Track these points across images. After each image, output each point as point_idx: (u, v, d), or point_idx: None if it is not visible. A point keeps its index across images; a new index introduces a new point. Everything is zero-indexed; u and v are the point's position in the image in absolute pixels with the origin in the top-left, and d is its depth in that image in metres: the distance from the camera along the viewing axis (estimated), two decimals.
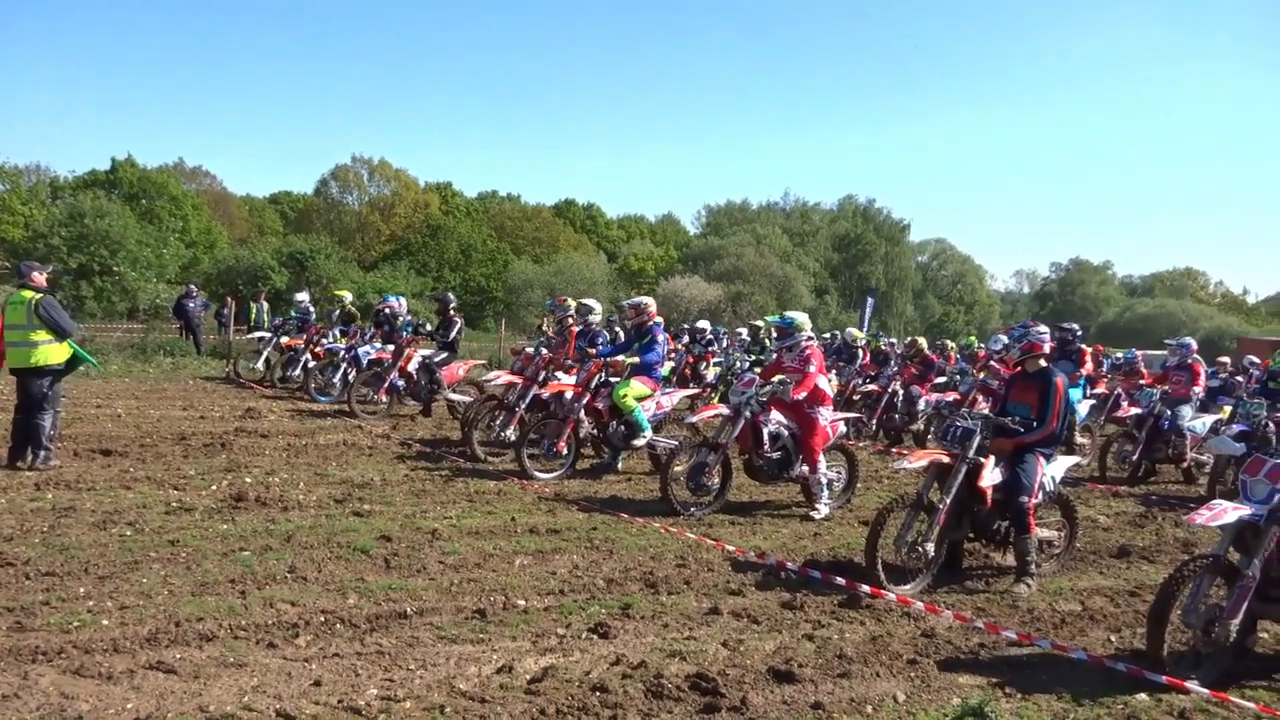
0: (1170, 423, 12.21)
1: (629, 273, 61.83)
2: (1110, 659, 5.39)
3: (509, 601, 5.87)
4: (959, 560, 7.33)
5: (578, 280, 47.66)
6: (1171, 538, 8.96)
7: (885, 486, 10.88)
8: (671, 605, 6.00)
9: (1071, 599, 6.75)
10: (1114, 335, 58.23)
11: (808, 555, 7.51)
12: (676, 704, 4.48)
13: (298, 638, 5.05)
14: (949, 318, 71.52)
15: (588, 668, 4.89)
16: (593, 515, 8.44)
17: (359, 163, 63.45)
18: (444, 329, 14.60)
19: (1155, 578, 7.09)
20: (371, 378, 14.44)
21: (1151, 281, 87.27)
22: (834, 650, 5.31)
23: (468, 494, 9.02)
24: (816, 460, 8.89)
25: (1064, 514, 7.59)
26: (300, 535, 7.10)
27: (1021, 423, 6.99)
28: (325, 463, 10.19)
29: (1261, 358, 18.88)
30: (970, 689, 4.89)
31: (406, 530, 7.46)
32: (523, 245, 62.18)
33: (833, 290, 65.00)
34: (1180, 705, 4.82)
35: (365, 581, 6.11)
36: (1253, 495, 5.34)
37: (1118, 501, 10.92)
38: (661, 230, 78.32)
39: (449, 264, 54.92)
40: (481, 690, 4.52)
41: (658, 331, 10.65)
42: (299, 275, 38.87)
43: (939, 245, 78.50)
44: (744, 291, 51.52)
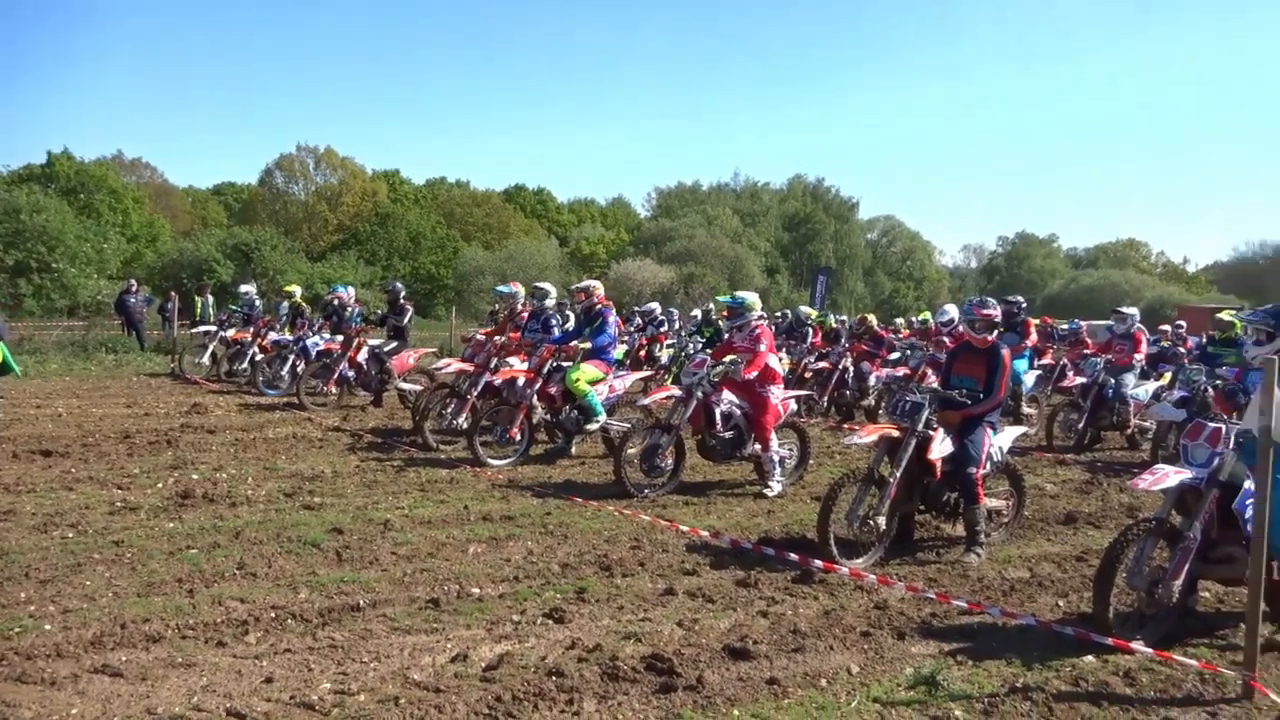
0: (1114, 391, 12.47)
1: (581, 257, 61.67)
2: (1058, 623, 5.49)
3: (463, 590, 5.83)
4: (910, 532, 7.43)
5: (529, 265, 47.44)
6: (1116, 503, 9.16)
7: (837, 462, 10.98)
8: (626, 587, 6.01)
9: (1020, 566, 6.87)
10: (1060, 307, 59.24)
11: (761, 533, 7.56)
12: (633, 685, 4.48)
13: (248, 635, 4.97)
14: (899, 294, 72.27)
15: (543, 653, 4.88)
16: (547, 500, 8.42)
17: (304, 151, 62.40)
18: (395, 317, 14.44)
19: (1101, 542, 7.23)
20: (320, 369, 14.25)
21: (1095, 253, 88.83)
22: (788, 626, 5.35)
23: (420, 483, 8.95)
24: (769, 438, 8.94)
25: (1012, 483, 7.71)
26: (249, 531, 7.00)
27: (969, 395, 7.08)
28: (274, 456, 10.04)
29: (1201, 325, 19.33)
30: (923, 658, 4.96)
31: (358, 522, 7.38)
32: (473, 231, 61.70)
33: (784, 269, 65.35)
34: (1126, 665, 4.93)
35: (316, 575, 6.04)
36: (1193, 459, 5.46)
37: (1064, 469, 11.14)
38: (612, 213, 78.13)
39: (398, 252, 54.37)
40: (436, 680, 4.48)
41: (608, 315, 10.63)
42: (244, 267, 38.20)
43: (888, 222, 79.22)
44: (696, 273, 51.62)
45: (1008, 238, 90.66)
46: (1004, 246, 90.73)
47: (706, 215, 62.85)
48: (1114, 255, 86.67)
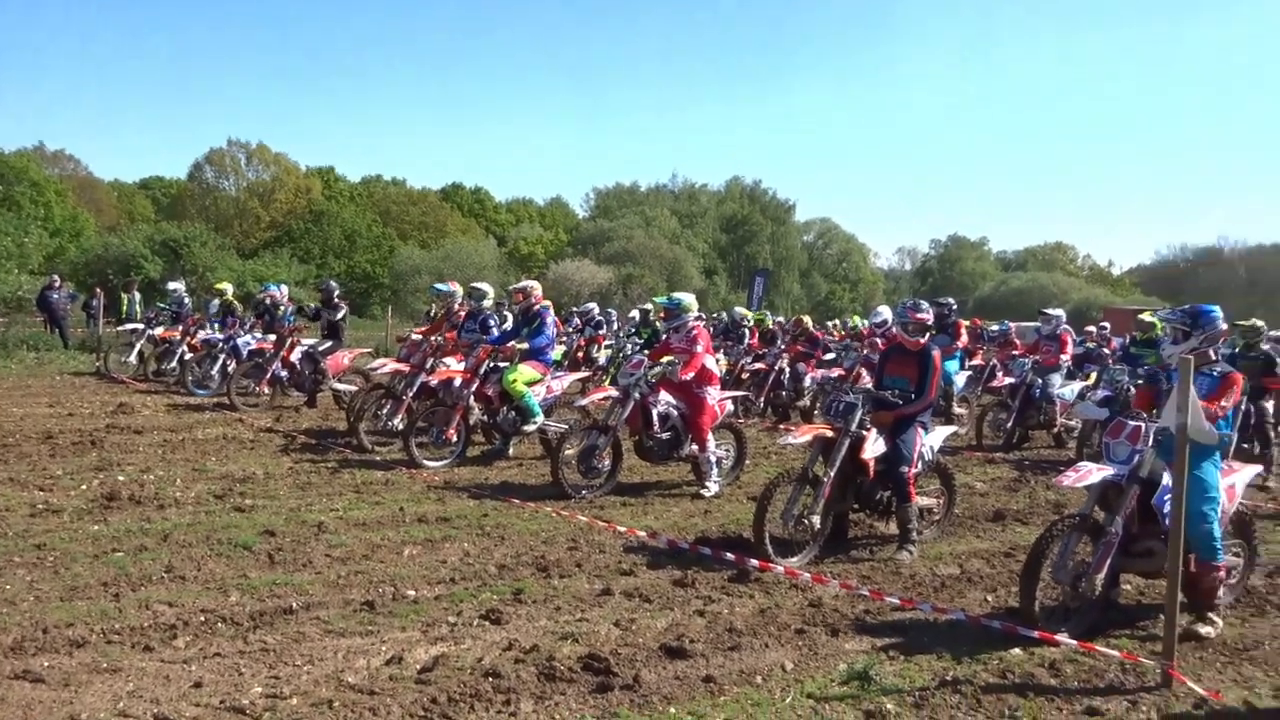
0: (1041, 391, 12.80)
1: (519, 256, 61.39)
2: (987, 618, 5.63)
3: (398, 592, 5.77)
4: (844, 531, 7.54)
5: (466, 265, 47.10)
6: (1043, 500, 9.40)
7: (773, 462, 11.09)
8: (563, 588, 6.00)
9: (951, 563, 7.01)
10: (990, 309, 60.57)
11: (698, 533, 7.61)
12: (570, 685, 4.49)
13: (176, 639, 4.86)
14: (835, 295, 73.25)
15: (480, 654, 4.85)
16: (483, 502, 8.37)
17: (235, 146, 61.10)
18: (329, 313, 14.19)
19: (1028, 538, 7.41)
20: (252, 369, 13.97)
21: (1024, 256, 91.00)
22: (724, 624, 5.40)
23: (355, 485, 8.83)
24: (705, 439, 9.00)
25: (943, 482, 7.87)
26: (178, 533, 6.84)
27: (901, 395, 7.21)
28: (204, 458, 9.82)
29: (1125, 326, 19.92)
30: (856, 654, 5.04)
31: (291, 524, 7.25)
32: (409, 230, 61.02)
33: (721, 271, 65.79)
34: (1051, 657, 5.06)
35: (248, 578, 5.93)
36: (1115, 456, 5.63)
37: (993, 468, 11.39)
38: (551, 213, 77.90)
39: (333, 251, 53.54)
40: (371, 682, 4.44)
41: (546, 315, 10.60)
42: (173, 264, 37.31)
43: (824, 225, 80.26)
44: (634, 273, 51.73)
45: (940, 241, 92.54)
46: (937, 249, 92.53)
47: (645, 216, 63.02)
48: (1042, 258, 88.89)
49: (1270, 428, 11.04)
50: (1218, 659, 5.21)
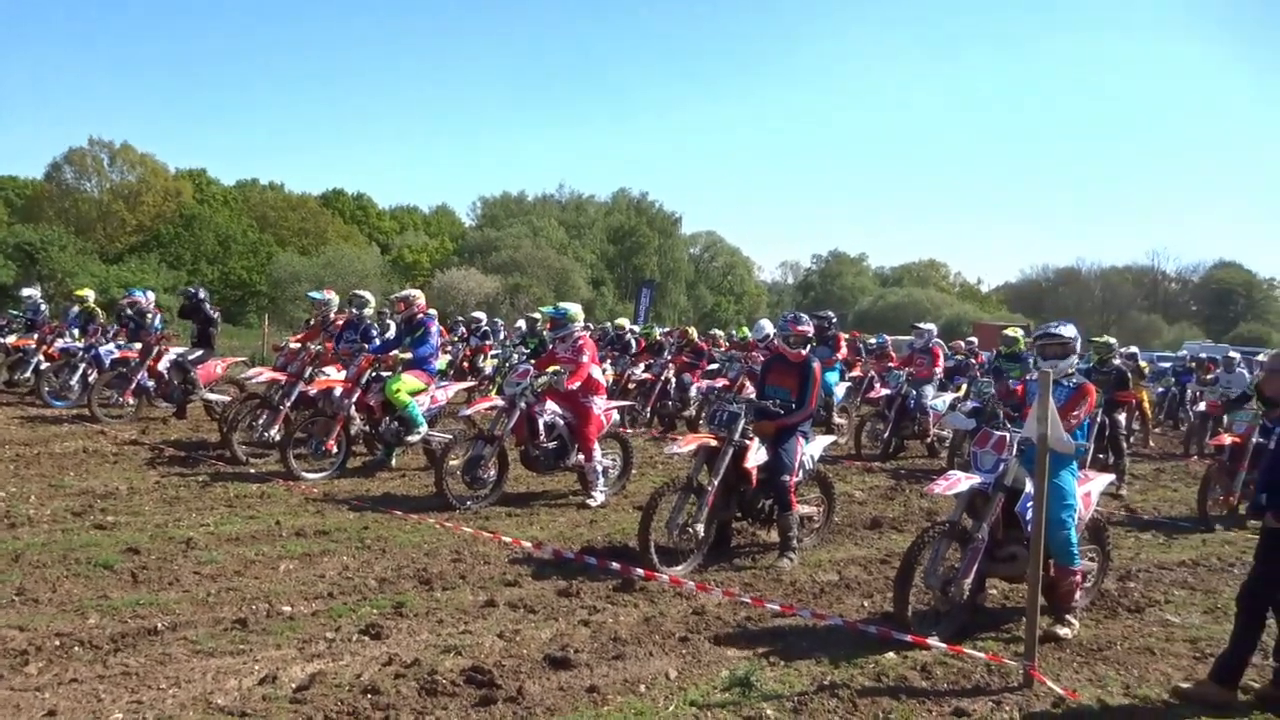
0: (915, 402, 13.27)
1: (403, 265, 60.27)
2: (863, 623, 5.79)
3: (273, 609, 5.58)
4: (728, 539, 7.65)
5: (348, 273, 45.95)
6: (918, 508, 9.74)
7: (659, 472, 11.17)
8: (446, 601, 5.91)
9: (830, 570, 7.19)
10: (869, 322, 62.50)
11: (584, 542, 7.61)
12: (452, 699, 4.42)
13: (28, 665, 4.58)
14: (720, 307, 74.32)
15: (358, 670, 4.73)
16: (364, 514, 8.17)
17: (97, 146, 57.92)
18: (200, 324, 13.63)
19: (903, 545, 7.63)
20: (116, 378, 13.30)
21: (900, 272, 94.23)
22: (609, 634, 5.41)
23: (227, 499, 8.50)
24: (591, 449, 9.01)
25: (822, 490, 8.07)
26: (31, 553, 6.44)
27: (782, 405, 7.37)
28: (61, 473, 9.29)
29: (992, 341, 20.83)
30: (738, 660, 5.12)
31: (157, 541, 6.93)
32: (288, 236, 59.12)
33: (609, 281, 66.00)
34: (923, 660, 5.25)
35: (108, 599, 5.63)
36: (981, 466, 5.88)
37: (871, 476, 11.75)
38: (436, 222, 76.73)
39: (205, 256, 51.46)
40: (242, 703, 4.28)
41: (430, 324, 10.45)
42: (28, 269, 35.28)
43: (710, 238, 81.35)
44: (521, 283, 51.42)
45: (822, 256, 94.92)
46: (818, 264, 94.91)
47: (532, 226, 62.71)
48: (917, 274, 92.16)
49: (1123, 439, 11.71)
50: (1075, 659, 5.48)
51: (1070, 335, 6.15)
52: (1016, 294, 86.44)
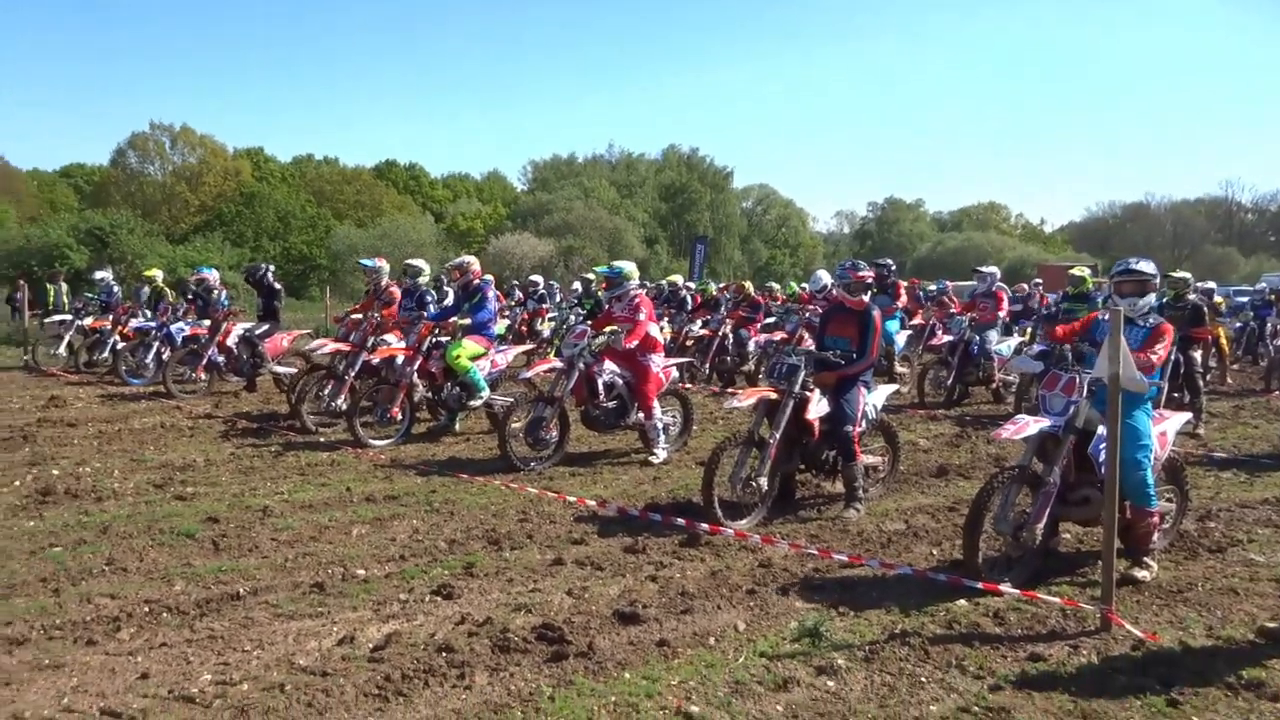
0: (979, 347, 13.03)
1: (457, 232, 60.67)
2: (933, 571, 5.74)
3: (348, 572, 5.72)
4: (792, 492, 7.63)
5: (404, 242, 46.37)
6: (985, 454, 9.60)
7: (720, 427, 11.16)
8: (515, 560, 6.00)
9: (897, 519, 7.14)
10: (928, 269, 61.48)
11: (648, 499, 7.65)
12: (524, 656, 4.49)
13: (120, 631, 4.76)
14: (775, 260, 73.70)
15: (432, 630, 4.83)
16: (431, 478, 8.31)
17: (158, 130, 59.14)
18: (269, 291, 13.92)
19: (971, 492, 7.54)
20: (188, 355, 13.66)
21: (959, 216, 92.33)
22: (676, 588, 5.44)
23: (299, 467, 8.71)
24: (651, 406, 9.03)
25: (887, 440, 7.99)
26: (117, 525, 6.68)
27: (843, 356, 7.29)
28: (142, 448, 9.60)
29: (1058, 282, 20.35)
30: (806, 612, 5.11)
31: (235, 510, 7.13)
32: (344, 209, 59.87)
33: (662, 239, 65.75)
34: (995, 606, 5.19)
35: (192, 566, 5.82)
36: (1051, 409, 5.76)
37: (935, 424, 11.60)
38: (488, 188, 77.07)
39: (267, 233, 52.36)
40: (323, 663, 4.39)
41: (486, 289, 10.52)
42: (100, 253, 36.19)
43: (762, 190, 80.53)
44: (575, 245, 51.45)
45: (877, 203, 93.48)
46: (874, 212, 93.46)
47: (583, 188, 62.63)
48: (977, 218, 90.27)
49: (1198, 376, 11.37)
50: (1154, 602, 5.37)
51: (1150, 272, 5.92)
52: (1082, 233, 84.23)
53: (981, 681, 4.30)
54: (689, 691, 4.15)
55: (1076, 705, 4.04)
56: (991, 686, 4.24)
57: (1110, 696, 4.13)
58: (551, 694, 4.10)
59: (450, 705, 4.00)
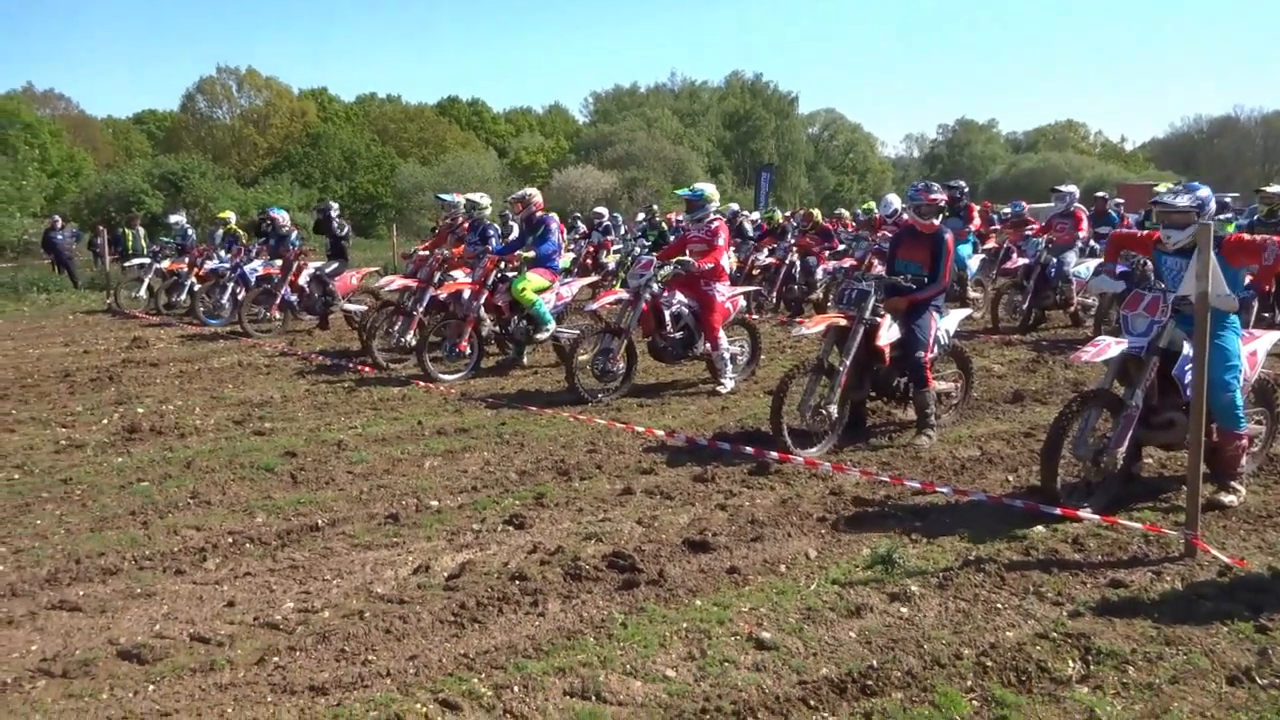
0: (1056, 270, 12.61)
1: (521, 167, 60.60)
2: (1008, 498, 5.63)
3: (421, 503, 5.82)
4: (863, 419, 7.53)
5: (469, 178, 46.48)
6: (1062, 379, 9.35)
7: (788, 356, 11.05)
8: (585, 490, 6.04)
9: (970, 445, 7.01)
10: (1001, 191, 59.65)
11: (716, 429, 7.62)
12: (596, 584, 4.53)
13: (206, 561, 4.93)
14: (843, 188, 72.25)
15: (505, 559, 4.90)
16: (500, 411, 8.39)
17: (225, 74, 59.97)
18: (334, 236, 14.12)
19: (1047, 418, 7.35)
20: (262, 295, 13.94)
21: (1035, 136, 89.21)
22: (746, 517, 5.43)
23: (372, 402, 8.86)
24: (718, 336, 8.95)
25: (959, 365, 7.82)
26: (200, 460, 6.89)
27: (914, 280, 7.10)
28: (221, 386, 9.86)
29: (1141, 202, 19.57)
30: (879, 539, 5.06)
31: (311, 444, 7.30)
32: (408, 147, 60.19)
33: (727, 168, 64.87)
34: (1074, 532, 5.08)
35: (272, 499, 5.98)
36: (1133, 329, 5.54)
37: (1010, 350, 11.32)
38: (550, 121, 76.59)
39: (333, 173, 53.01)
40: (400, 592, 4.49)
41: (550, 222, 10.47)
42: (174, 197, 37.03)
43: (829, 116, 78.70)
44: (639, 177, 51.04)
45: (948, 125, 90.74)
46: (945, 134, 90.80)
47: (646, 118, 61.92)
48: (1053, 138, 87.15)
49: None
50: (1241, 527, 5.21)
51: (1188, 204, 5.51)
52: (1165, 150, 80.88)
53: (1060, 608, 4.22)
54: (760, 618, 4.15)
55: (1160, 631, 3.95)
56: (1070, 613, 4.16)
57: (1195, 623, 4.02)
58: (623, 620, 4.14)
59: (524, 631, 4.06)
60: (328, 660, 3.82)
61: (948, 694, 3.46)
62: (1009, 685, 3.53)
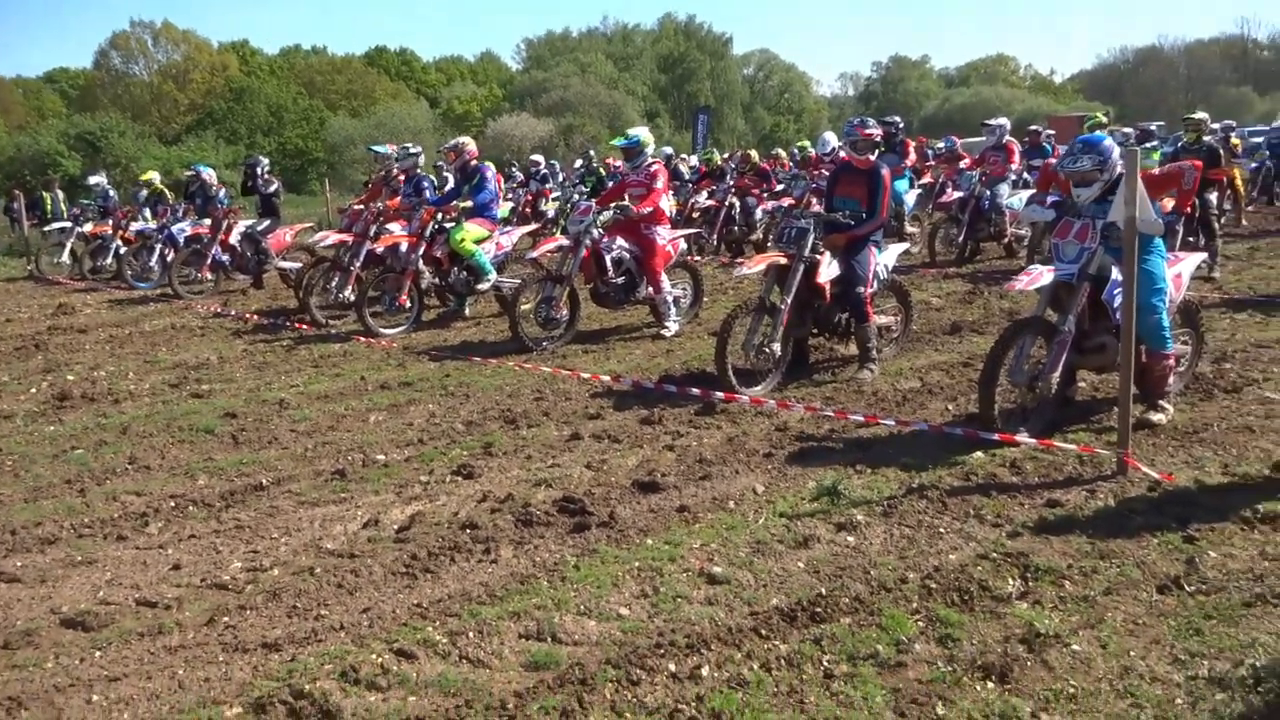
0: (990, 202, 12.78)
1: (454, 117, 59.45)
2: (948, 426, 5.76)
3: (368, 458, 5.78)
4: (805, 356, 7.61)
5: (401, 130, 45.49)
6: (998, 309, 9.53)
7: (730, 297, 11.08)
8: (533, 437, 6.04)
9: (911, 377, 7.13)
10: (936, 126, 59.96)
11: (662, 372, 7.65)
12: (547, 528, 4.55)
13: (148, 526, 4.84)
14: (780, 128, 72.03)
15: (455, 508, 4.90)
16: (444, 363, 8.32)
17: (140, 28, 57.55)
18: (263, 195, 13.76)
19: (985, 347, 7.45)
20: (192, 255, 13.57)
21: (967, 71, 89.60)
22: (694, 456, 5.48)
23: (312, 360, 8.73)
24: (660, 280, 8.95)
25: (899, 299, 7.92)
26: (136, 425, 6.75)
27: (852, 216, 7.15)
28: (154, 349, 9.63)
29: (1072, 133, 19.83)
30: (824, 472, 5.14)
31: (251, 404, 7.18)
32: (337, 100, 58.61)
33: (663, 112, 64.32)
34: (1012, 456, 5.21)
35: (214, 460, 5.89)
36: (1064, 257, 5.65)
37: (948, 283, 11.49)
38: (482, 69, 75.03)
39: (260, 128, 51.49)
40: (350, 546, 4.47)
41: (485, 171, 10.31)
42: (93, 158, 35.76)
43: (763, 56, 78.23)
44: (575, 123, 50.43)
45: (882, 63, 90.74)
46: (879, 72, 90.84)
47: (580, 63, 61.03)
48: (984, 72, 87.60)
49: (1214, 219, 11.17)
50: (1170, 444, 5.38)
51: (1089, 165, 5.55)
52: (1093, 81, 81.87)
53: (999, 529, 4.34)
54: (711, 553, 4.21)
55: (1094, 546, 4.09)
56: (1009, 533, 4.28)
57: (1127, 536, 4.17)
58: (576, 563, 4.17)
59: (477, 579, 4.07)
60: (279, 617, 3.79)
61: (894, 616, 3.55)
62: (952, 605, 3.64)
